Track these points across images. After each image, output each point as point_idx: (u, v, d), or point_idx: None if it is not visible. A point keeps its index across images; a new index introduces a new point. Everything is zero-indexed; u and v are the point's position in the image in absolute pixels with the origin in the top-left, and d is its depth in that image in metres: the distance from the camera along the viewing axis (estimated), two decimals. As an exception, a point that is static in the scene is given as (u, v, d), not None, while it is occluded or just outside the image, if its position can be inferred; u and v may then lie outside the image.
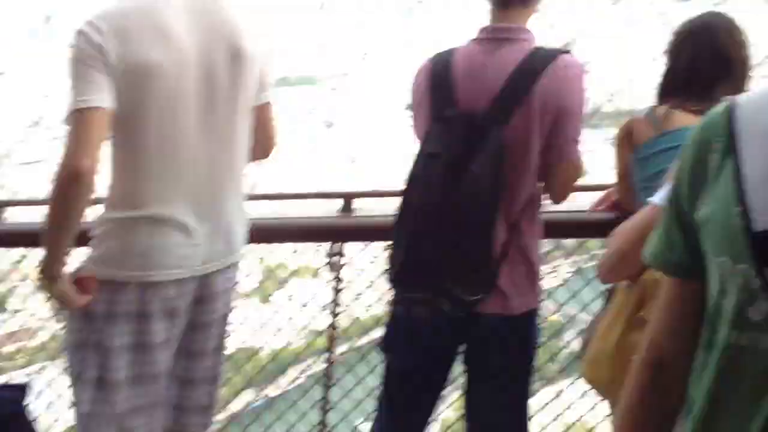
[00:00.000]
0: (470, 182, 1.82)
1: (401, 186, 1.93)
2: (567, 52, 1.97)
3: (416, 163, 1.92)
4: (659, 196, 1.54)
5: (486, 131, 1.86)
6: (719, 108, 1.01)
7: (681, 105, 2.01)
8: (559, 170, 1.98)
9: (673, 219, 1.06)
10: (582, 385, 2.16)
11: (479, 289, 1.89)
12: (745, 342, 0.94)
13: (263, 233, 2.28)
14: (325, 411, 2.75)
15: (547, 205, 2.09)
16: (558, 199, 2.08)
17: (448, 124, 1.90)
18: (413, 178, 1.91)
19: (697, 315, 1.05)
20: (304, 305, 3.15)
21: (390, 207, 2.05)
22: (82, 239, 1.83)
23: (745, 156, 0.95)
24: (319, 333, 3.16)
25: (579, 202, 2.42)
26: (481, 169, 1.83)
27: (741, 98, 1.00)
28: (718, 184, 0.97)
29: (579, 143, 1.99)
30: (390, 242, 1.96)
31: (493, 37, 1.99)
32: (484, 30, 2.02)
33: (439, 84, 1.98)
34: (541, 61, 1.92)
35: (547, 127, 1.92)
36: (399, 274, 1.91)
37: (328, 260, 2.55)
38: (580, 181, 2.14)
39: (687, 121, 1.95)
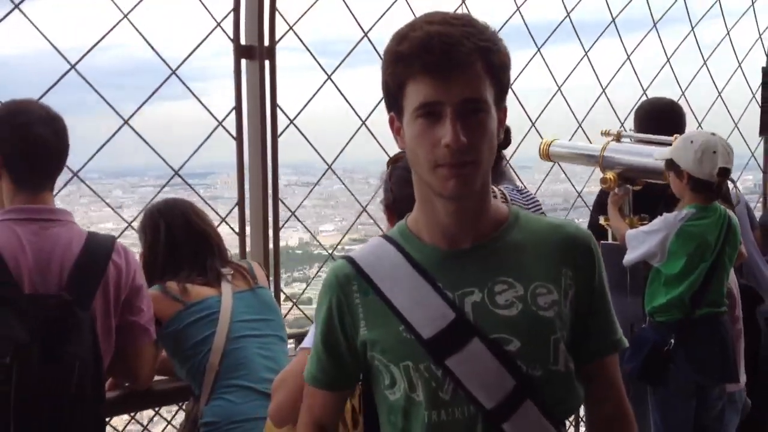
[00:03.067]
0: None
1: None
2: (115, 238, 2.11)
3: None
4: (307, 341, 1.71)
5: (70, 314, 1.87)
6: (341, 262, 1.40)
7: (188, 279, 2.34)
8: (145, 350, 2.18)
9: (325, 349, 1.42)
10: None
11: None
12: (444, 416, 1.30)
13: None
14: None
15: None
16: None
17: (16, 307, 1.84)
18: None
19: (339, 412, 1.51)
20: None
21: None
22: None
23: (385, 290, 1.33)
24: None
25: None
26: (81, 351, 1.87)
27: (355, 252, 1.41)
28: (371, 313, 1.35)
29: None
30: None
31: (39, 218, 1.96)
32: (17, 211, 1.97)
33: None
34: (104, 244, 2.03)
35: (120, 307, 2.07)
36: None
37: None
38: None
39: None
